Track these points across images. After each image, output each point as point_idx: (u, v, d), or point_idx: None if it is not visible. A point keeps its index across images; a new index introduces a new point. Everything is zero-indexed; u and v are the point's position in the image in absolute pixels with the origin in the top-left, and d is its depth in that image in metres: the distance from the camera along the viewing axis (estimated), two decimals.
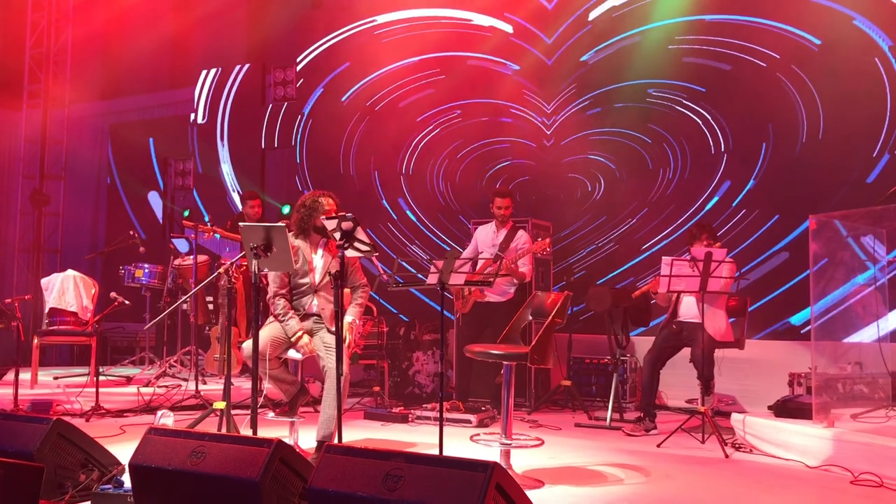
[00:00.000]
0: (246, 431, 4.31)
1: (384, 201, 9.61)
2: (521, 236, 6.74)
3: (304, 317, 4.87)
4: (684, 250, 5.61)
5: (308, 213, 4.87)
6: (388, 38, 9.62)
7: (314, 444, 4.65)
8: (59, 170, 11.95)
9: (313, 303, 4.86)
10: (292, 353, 4.78)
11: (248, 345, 4.47)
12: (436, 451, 4.31)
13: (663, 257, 5.70)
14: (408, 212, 9.48)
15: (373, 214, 9.49)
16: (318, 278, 4.86)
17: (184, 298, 5.75)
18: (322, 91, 10.12)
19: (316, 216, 4.83)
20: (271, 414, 4.92)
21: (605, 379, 7.31)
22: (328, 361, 4.63)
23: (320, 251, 4.91)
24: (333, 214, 4.54)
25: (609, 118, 8.28)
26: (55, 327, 8.01)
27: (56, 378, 8.23)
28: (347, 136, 9.89)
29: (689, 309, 5.98)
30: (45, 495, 3.44)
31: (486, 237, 6.86)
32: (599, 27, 8.41)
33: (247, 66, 10.75)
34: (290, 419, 4.86)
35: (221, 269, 4.82)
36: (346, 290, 4.93)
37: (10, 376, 6.05)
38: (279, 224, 4.34)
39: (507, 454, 4.48)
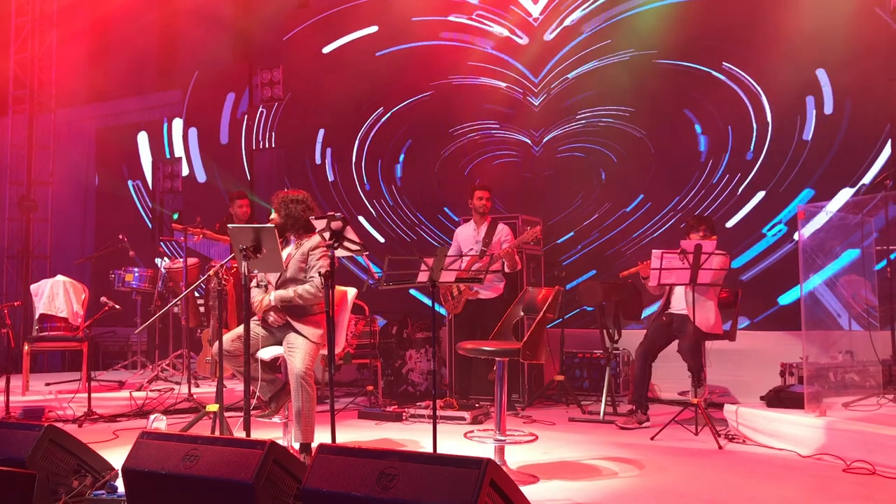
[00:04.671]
0: (239, 433, 4.30)
1: (372, 199, 9.59)
2: (503, 229, 6.87)
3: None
4: (680, 250, 5.60)
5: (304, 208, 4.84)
6: (376, 33, 9.61)
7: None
8: (47, 175, 11.89)
9: None
10: (262, 353, 4.72)
11: (216, 344, 4.49)
12: (430, 449, 4.31)
13: (653, 250, 5.71)
14: (398, 210, 9.46)
15: (360, 213, 9.49)
16: (277, 277, 4.81)
17: (174, 301, 5.73)
18: (308, 90, 10.09)
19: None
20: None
21: (597, 373, 7.33)
22: (289, 361, 4.59)
23: (290, 248, 4.89)
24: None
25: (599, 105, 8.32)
26: (46, 333, 7.97)
27: (48, 384, 8.20)
28: (335, 135, 9.87)
29: (679, 300, 6.01)
30: (38, 502, 3.41)
31: (467, 236, 6.95)
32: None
33: (234, 66, 10.71)
34: (270, 419, 4.82)
35: (211, 272, 4.79)
36: (342, 290, 4.93)
37: (0, 383, 6.02)
38: (268, 225, 4.33)
39: (501, 450, 4.48)
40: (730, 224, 7.50)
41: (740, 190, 7.54)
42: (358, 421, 6.33)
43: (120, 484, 3.56)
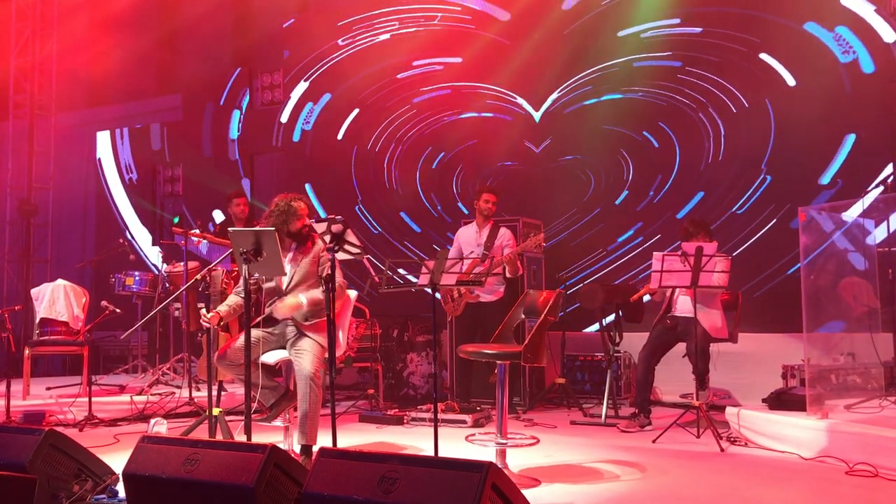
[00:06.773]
0: (240, 437, 4.29)
1: (372, 203, 9.59)
2: (505, 233, 6.84)
3: (272, 322, 4.81)
4: (676, 244, 5.60)
5: (284, 217, 4.75)
6: (373, 38, 9.62)
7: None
8: (47, 180, 11.89)
9: None
10: (265, 358, 4.70)
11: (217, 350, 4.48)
12: (431, 453, 4.30)
13: (654, 253, 5.70)
14: (400, 213, 9.46)
15: (360, 216, 9.48)
16: (286, 283, 4.76)
17: (166, 301, 5.75)
18: (309, 93, 10.09)
19: (291, 220, 4.75)
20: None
21: (598, 376, 7.31)
22: (297, 363, 4.57)
23: (290, 255, 4.81)
24: (309, 218, 4.61)
25: (600, 112, 8.30)
26: (46, 337, 7.96)
27: (48, 388, 8.19)
28: (335, 138, 9.87)
29: (684, 304, 5.97)
30: None
31: (469, 238, 6.92)
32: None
33: (234, 70, 10.71)
34: (269, 423, 4.80)
35: (199, 275, 4.77)
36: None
37: (1, 388, 6.01)
38: (269, 228, 4.30)
39: (502, 453, 4.47)
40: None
41: (746, 194, 7.55)
42: (359, 424, 6.32)
43: (121, 488, 3.55)
